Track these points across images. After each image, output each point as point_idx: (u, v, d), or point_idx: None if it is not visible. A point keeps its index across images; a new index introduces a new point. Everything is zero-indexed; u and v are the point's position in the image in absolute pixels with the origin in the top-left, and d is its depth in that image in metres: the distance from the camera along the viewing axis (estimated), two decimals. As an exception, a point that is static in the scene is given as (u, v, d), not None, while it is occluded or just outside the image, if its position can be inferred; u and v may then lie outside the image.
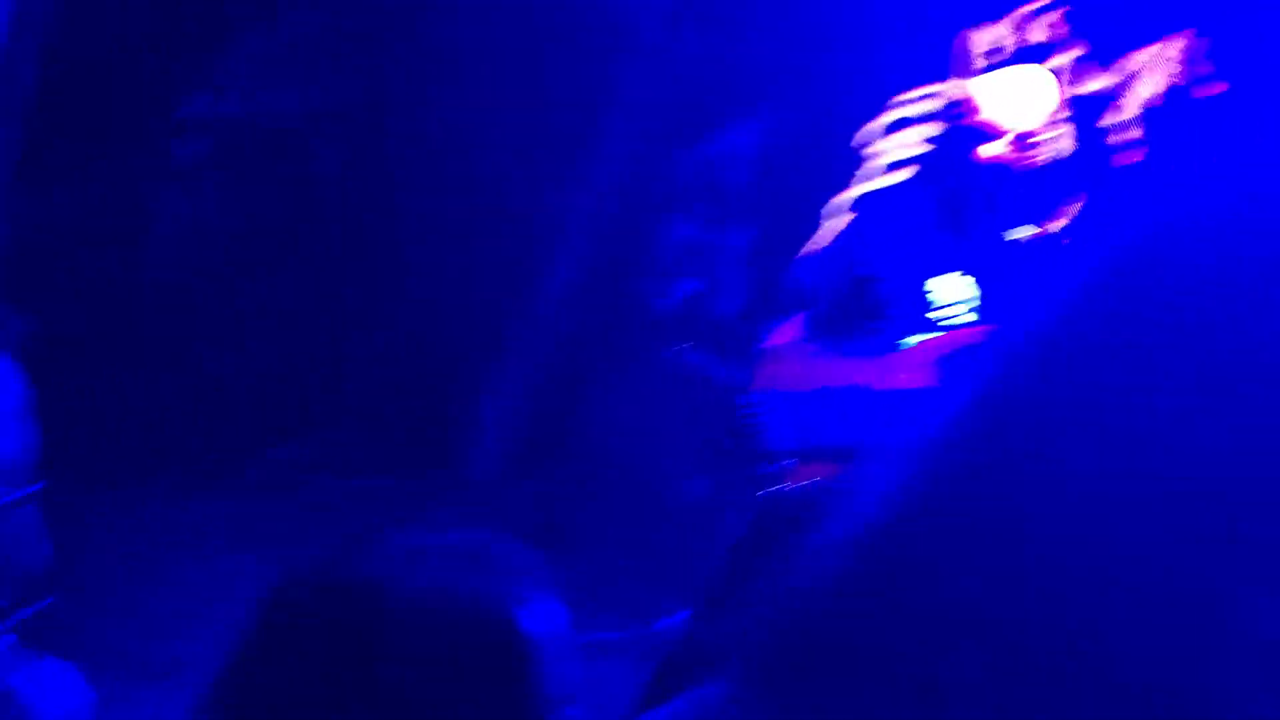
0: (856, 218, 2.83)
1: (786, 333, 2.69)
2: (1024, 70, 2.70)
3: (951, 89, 4.54)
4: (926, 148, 4.55)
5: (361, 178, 4.97)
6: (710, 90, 4.82)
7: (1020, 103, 2.54)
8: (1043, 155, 2.49)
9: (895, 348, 2.54)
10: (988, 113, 2.57)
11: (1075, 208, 4.35)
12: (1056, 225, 4.31)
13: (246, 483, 4.45)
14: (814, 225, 4.07)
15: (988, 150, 2.55)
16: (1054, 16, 4.55)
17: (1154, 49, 4.44)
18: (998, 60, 4.49)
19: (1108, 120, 4.42)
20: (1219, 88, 4.29)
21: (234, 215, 4.88)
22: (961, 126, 2.61)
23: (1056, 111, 2.52)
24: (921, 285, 2.58)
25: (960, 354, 2.45)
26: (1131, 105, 4.43)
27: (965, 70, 4.58)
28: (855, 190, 4.59)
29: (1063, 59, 4.55)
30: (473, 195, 4.83)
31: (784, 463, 2.45)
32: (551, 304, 4.70)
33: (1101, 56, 4.50)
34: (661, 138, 4.77)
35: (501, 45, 4.65)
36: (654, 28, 4.74)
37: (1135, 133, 4.41)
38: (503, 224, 4.87)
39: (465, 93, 4.74)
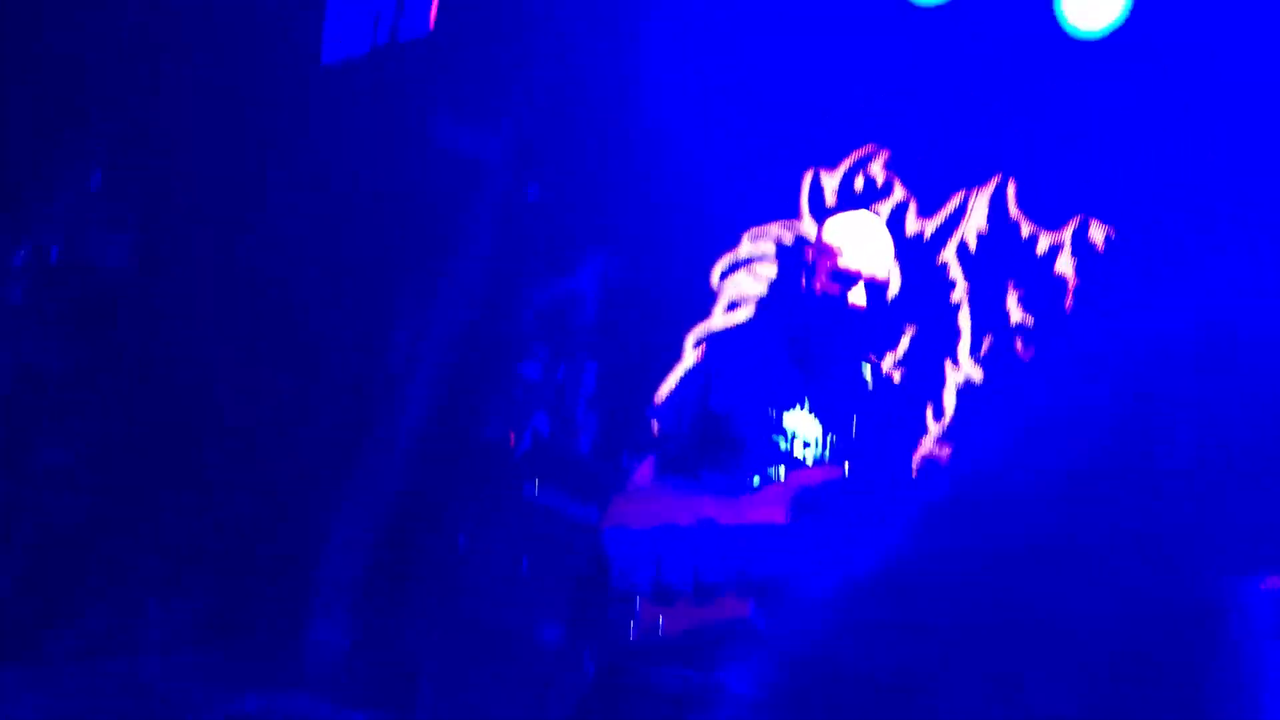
0: (705, 355, 2.88)
1: (637, 470, 2.69)
2: (863, 214, 2.83)
3: (794, 229, 4.75)
4: (769, 286, 4.72)
5: (201, 318, 4.84)
6: (557, 230, 4.90)
7: (860, 244, 2.64)
8: (881, 296, 2.59)
9: (747, 484, 2.56)
10: (831, 253, 2.67)
11: (908, 344, 4.57)
12: (894, 363, 4.49)
13: (53, 651, 4.13)
14: (663, 362, 4.14)
15: (831, 289, 2.63)
16: (881, 161, 4.83)
17: (972, 192, 4.74)
18: (835, 202, 4.71)
19: (937, 260, 4.67)
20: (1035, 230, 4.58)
21: (53, 358, 4.67)
22: (805, 265, 2.70)
23: (892, 254, 2.63)
24: (771, 422, 2.62)
25: (811, 490, 2.48)
26: (953, 246, 4.70)
27: (807, 211, 4.79)
28: (704, 327, 4.71)
29: (890, 202, 4.82)
30: (318, 339, 4.75)
31: (636, 602, 2.43)
32: (399, 449, 4.61)
33: (925, 200, 4.79)
34: (509, 277, 4.81)
35: (346, 185, 4.65)
36: (501, 170, 4.82)
37: (957, 272, 4.67)
38: (348, 367, 4.79)
39: (312, 233, 4.70)
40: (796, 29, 4.54)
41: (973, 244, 4.69)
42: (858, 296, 2.57)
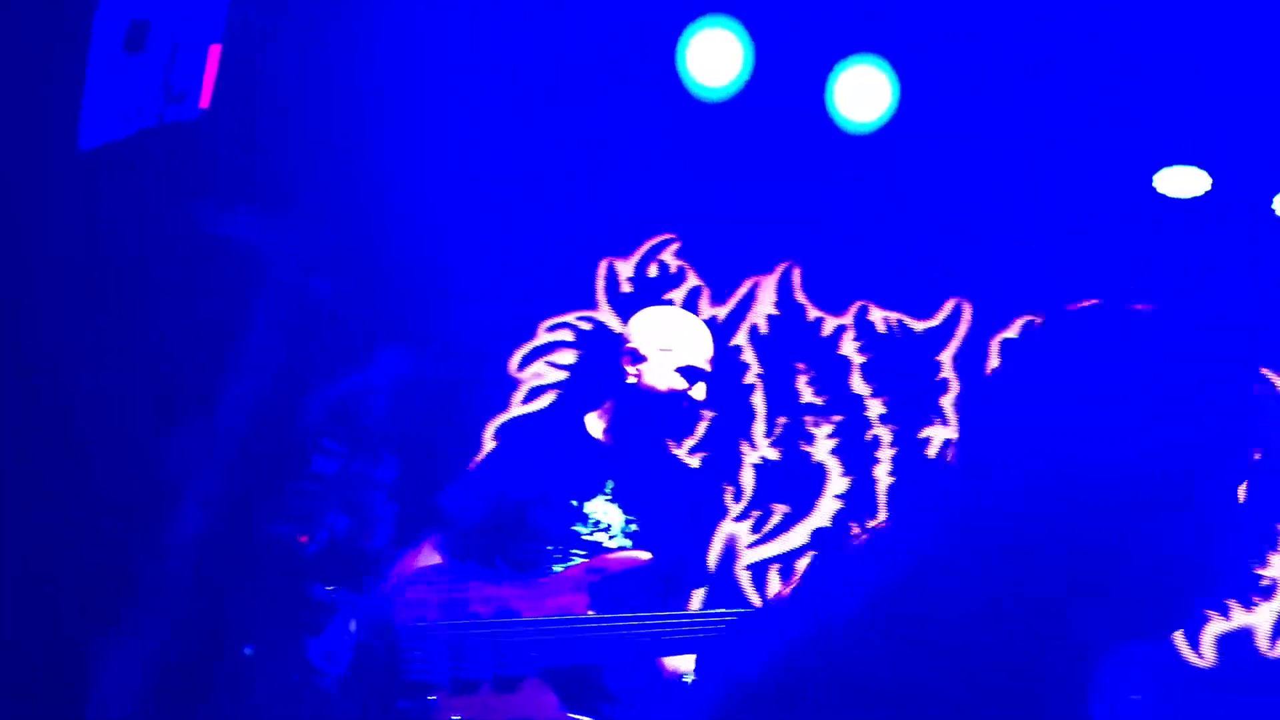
0: (502, 443, 2.83)
1: (436, 561, 2.60)
2: (672, 308, 2.86)
3: (591, 317, 4.79)
4: (569, 374, 4.72)
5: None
6: (349, 323, 4.79)
7: (664, 332, 2.66)
8: (684, 384, 2.60)
9: (547, 573, 2.51)
10: (632, 341, 2.68)
11: (705, 428, 4.65)
12: (690, 449, 4.54)
13: None
14: (464, 454, 4.06)
15: (633, 377, 2.64)
16: (673, 250, 4.95)
17: (760, 278, 4.92)
18: (630, 289, 4.78)
19: (729, 344, 4.79)
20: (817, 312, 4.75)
21: None
22: (606, 354, 2.71)
23: (698, 343, 2.65)
24: (572, 510, 2.59)
25: (612, 578, 2.45)
26: (745, 331, 4.83)
27: (604, 299, 4.84)
28: (503, 416, 4.66)
29: (684, 289, 4.93)
30: (95, 440, 4.45)
31: (433, 696, 2.33)
32: (179, 560, 4.34)
33: (716, 286, 4.93)
34: (298, 373, 4.65)
35: (109, 278, 4.42)
36: (285, 262, 4.70)
37: (750, 355, 4.80)
38: (128, 471, 4.51)
39: (88, 329, 4.44)
40: (585, 120, 4.63)
41: (763, 328, 4.84)
42: (661, 383, 2.59)
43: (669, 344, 2.60)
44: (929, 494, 1.17)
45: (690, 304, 4.94)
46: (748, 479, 4.73)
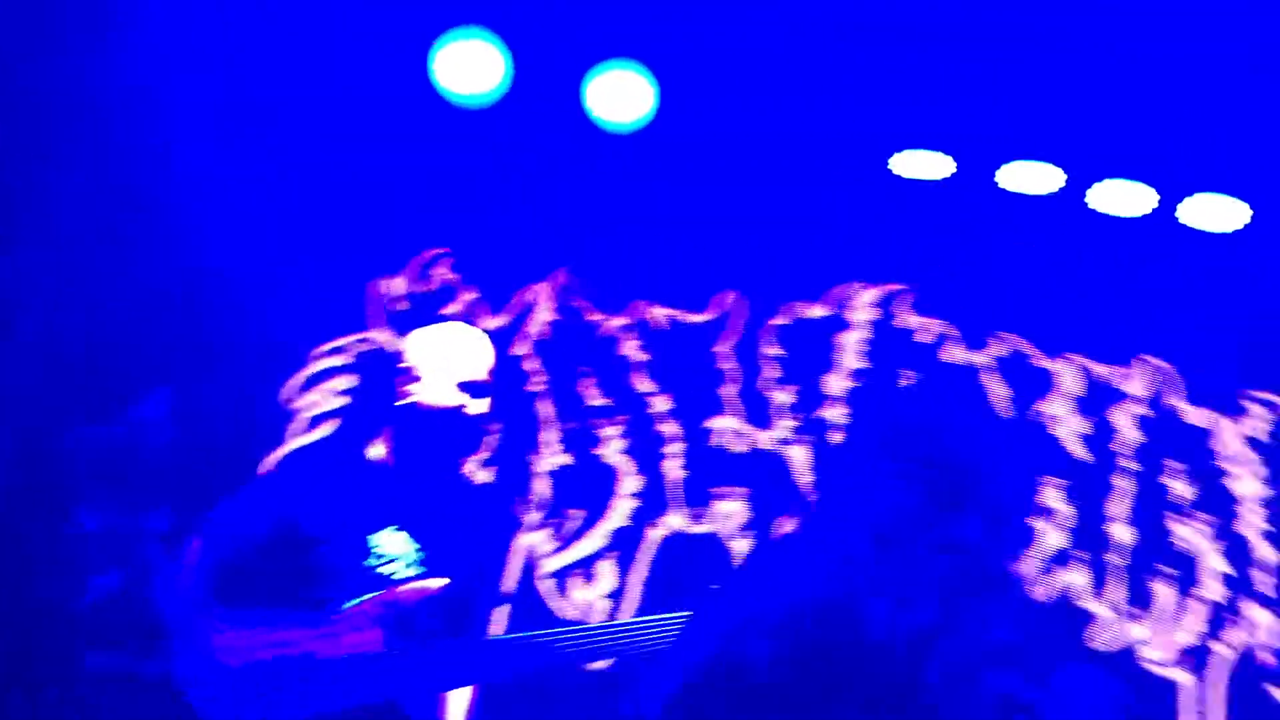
0: (278, 477, 2.72)
1: (221, 607, 2.47)
2: (450, 324, 2.77)
3: (371, 339, 4.66)
4: (348, 400, 4.59)
5: None
6: (109, 366, 4.50)
7: (439, 348, 2.59)
8: (465, 400, 2.54)
9: (339, 610, 2.42)
10: (408, 361, 2.60)
11: (494, 442, 4.60)
12: (480, 464, 4.48)
13: None
14: (237, 496, 3.86)
15: (412, 398, 2.56)
16: (446, 264, 4.88)
17: (537, 286, 4.91)
18: (405, 307, 4.68)
19: (510, 354, 4.76)
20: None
21: None
22: (384, 376, 2.62)
23: (477, 356, 2.58)
24: (359, 542, 2.50)
25: (405, 609, 2.39)
26: (526, 340, 4.82)
27: (380, 320, 4.73)
28: (282, 450, 4.48)
29: (460, 302, 4.88)
30: None
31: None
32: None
33: (493, 297, 4.89)
34: (54, 418, 4.34)
35: None
36: (35, 305, 4.39)
37: (533, 364, 4.80)
38: None
39: None
40: (345, 139, 4.51)
41: (544, 335, 4.83)
42: (441, 400, 2.53)
43: (446, 360, 2.54)
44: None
45: (468, 317, 4.88)
46: (541, 487, 4.72)
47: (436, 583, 2.39)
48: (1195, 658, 4.61)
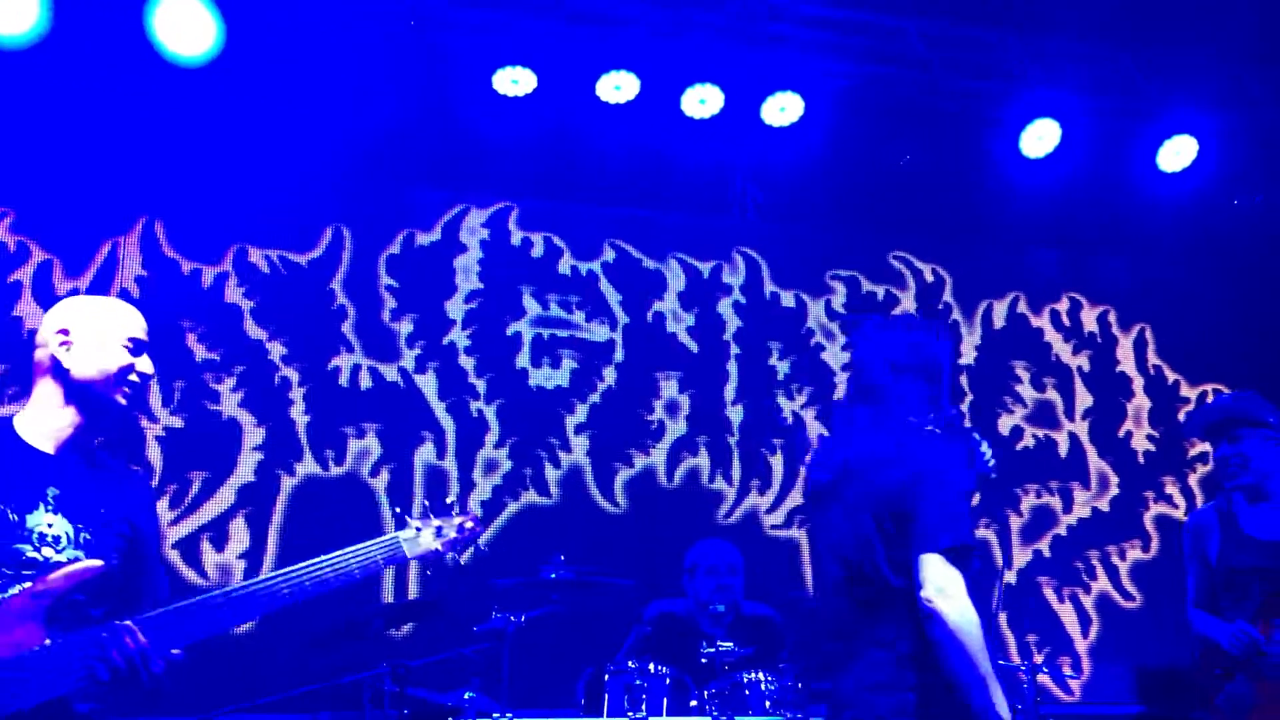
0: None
1: None
2: (100, 298, 2.44)
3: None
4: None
5: None
6: None
7: (71, 321, 2.31)
8: (121, 363, 2.28)
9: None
10: (68, 329, 2.30)
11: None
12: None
13: None
14: None
15: (75, 368, 2.28)
16: (6, 224, 4.37)
17: (119, 240, 4.51)
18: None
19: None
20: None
21: None
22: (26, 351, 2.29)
23: (116, 321, 2.32)
24: (12, 526, 2.21)
25: (66, 596, 2.15)
26: (113, 295, 4.43)
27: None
28: None
29: (31, 266, 4.40)
30: None
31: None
32: None
33: (70, 258, 4.45)
34: None
35: None
36: None
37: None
38: None
39: None
40: None
41: (135, 292, 4.46)
42: (86, 371, 2.26)
43: (101, 323, 2.29)
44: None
45: (42, 281, 4.42)
46: (154, 455, 4.41)
47: (93, 563, 2.17)
48: (806, 515, 5.08)
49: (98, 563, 2.21)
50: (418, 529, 2.42)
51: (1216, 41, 4.76)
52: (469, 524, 2.47)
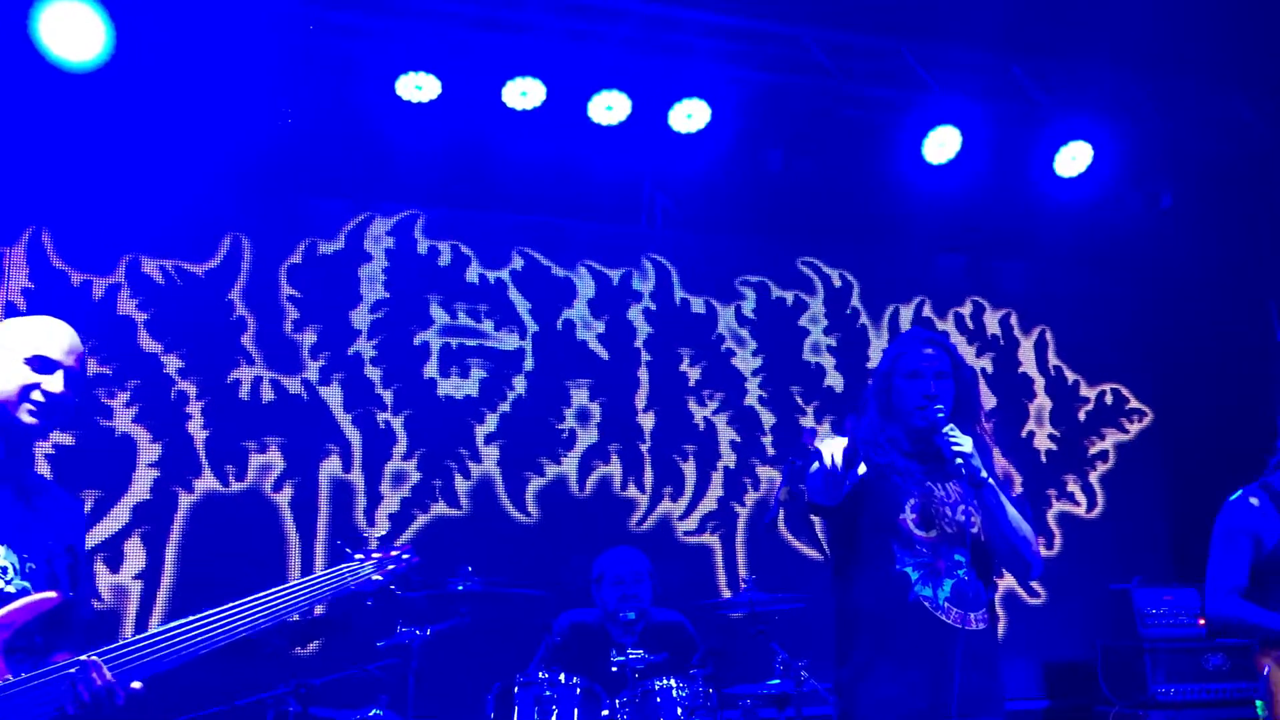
0: None
1: None
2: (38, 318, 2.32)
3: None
4: None
5: None
6: None
7: (15, 334, 2.20)
8: (45, 380, 2.17)
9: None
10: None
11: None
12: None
13: None
14: None
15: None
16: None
17: (5, 250, 4.35)
18: None
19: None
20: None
21: None
22: None
23: (54, 337, 2.20)
24: None
25: (23, 630, 2.06)
26: None
27: None
28: None
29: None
30: None
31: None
32: None
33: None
34: None
35: None
36: None
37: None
38: None
39: None
40: None
41: (21, 305, 4.30)
42: (16, 382, 2.15)
43: (14, 341, 2.18)
44: None
45: (-77, 295, 4.24)
46: (44, 473, 4.24)
47: (47, 595, 2.08)
48: (718, 521, 5.08)
49: (52, 595, 2.15)
50: (360, 560, 2.41)
51: (1105, 50, 4.87)
52: (404, 555, 2.47)
